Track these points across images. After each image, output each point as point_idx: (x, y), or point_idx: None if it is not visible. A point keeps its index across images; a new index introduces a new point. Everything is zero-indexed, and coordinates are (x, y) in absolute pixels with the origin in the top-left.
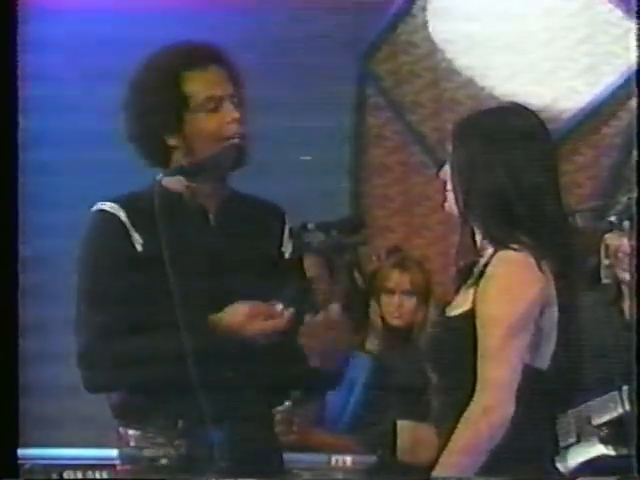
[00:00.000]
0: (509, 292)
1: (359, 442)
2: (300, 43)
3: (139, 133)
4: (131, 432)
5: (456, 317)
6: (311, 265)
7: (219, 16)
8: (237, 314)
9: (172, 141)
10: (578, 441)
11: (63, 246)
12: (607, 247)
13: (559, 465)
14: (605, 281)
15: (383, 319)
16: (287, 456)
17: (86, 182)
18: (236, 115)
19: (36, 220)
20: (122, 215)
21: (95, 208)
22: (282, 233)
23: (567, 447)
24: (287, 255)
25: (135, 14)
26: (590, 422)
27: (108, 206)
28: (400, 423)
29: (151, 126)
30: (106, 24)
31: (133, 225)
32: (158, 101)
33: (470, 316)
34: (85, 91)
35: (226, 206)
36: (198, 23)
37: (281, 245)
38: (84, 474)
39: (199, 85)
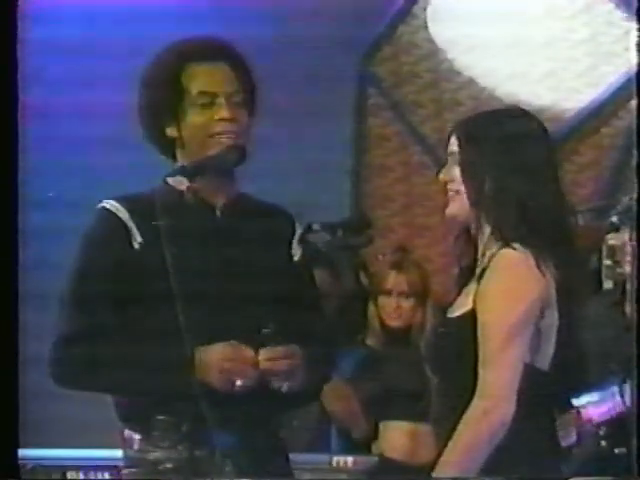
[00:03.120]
0: (509, 293)
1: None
2: (300, 44)
3: (144, 120)
4: (135, 435)
5: (457, 318)
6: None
7: (218, 20)
8: (210, 359)
9: (171, 132)
10: (579, 441)
11: (64, 248)
12: (609, 247)
13: (560, 465)
14: (606, 282)
15: (381, 320)
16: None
17: (87, 185)
18: (225, 114)
19: (36, 223)
20: (122, 212)
21: (99, 206)
22: (292, 236)
23: (568, 447)
24: (296, 258)
25: (135, 17)
26: (591, 421)
27: (109, 204)
28: (393, 423)
29: (153, 114)
30: (106, 27)
31: (134, 223)
32: (160, 90)
33: (471, 317)
34: (85, 94)
35: (234, 203)
36: (195, 26)
37: (290, 248)
38: (86, 475)
39: (196, 79)
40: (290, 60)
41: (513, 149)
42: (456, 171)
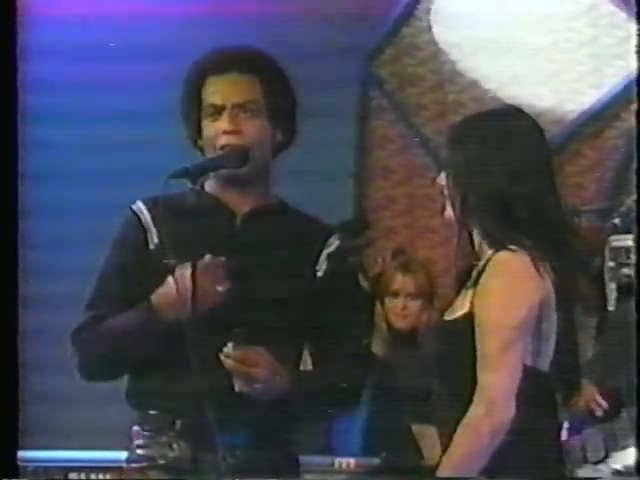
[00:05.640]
0: (507, 295)
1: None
2: (303, 47)
3: (186, 132)
4: (136, 430)
5: (454, 321)
6: None
7: (220, 21)
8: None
9: (200, 143)
10: (606, 457)
11: (64, 255)
12: (612, 249)
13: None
14: (610, 284)
15: (388, 322)
16: None
17: (87, 190)
18: (227, 126)
19: (36, 227)
20: (143, 213)
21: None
22: (320, 253)
23: (596, 462)
24: (319, 274)
25: (134, 21)
26: (617, 442)
27: (135, 204)
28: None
29: (187, 127)
30: (106, 31)
31: (154, 224)
32: (188, 104)
33: (468, 319)
34: (84, 99)
35: (260, 211)
36: (195, 30)
37: (316, 263)
38: (88, 476)
39: (209, 92)
40: (293, 62)
41: (498, 150)
42: (444, 174)
